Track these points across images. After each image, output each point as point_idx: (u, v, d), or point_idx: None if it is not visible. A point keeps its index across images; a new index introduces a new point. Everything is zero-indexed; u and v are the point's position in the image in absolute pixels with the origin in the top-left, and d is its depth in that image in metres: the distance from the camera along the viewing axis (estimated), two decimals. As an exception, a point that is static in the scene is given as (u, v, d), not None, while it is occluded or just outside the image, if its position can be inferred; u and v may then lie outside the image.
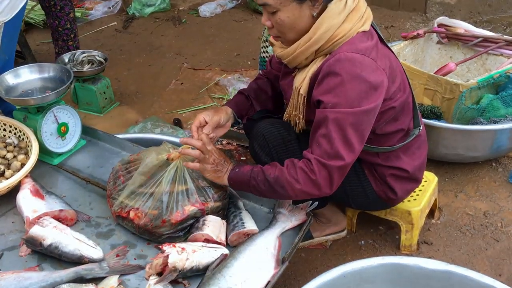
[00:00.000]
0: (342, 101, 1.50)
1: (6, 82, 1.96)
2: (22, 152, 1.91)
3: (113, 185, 1.71)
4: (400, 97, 1.69)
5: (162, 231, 1.60)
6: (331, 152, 1.52)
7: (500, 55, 2.69)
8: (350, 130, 1.51)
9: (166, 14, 4.54)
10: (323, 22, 1.53)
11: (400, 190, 1.83)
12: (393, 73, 1.64)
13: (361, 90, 1.50)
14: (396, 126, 1.74)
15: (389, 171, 1.80)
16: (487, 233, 2.20)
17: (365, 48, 1.53)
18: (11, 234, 1.68)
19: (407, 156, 1.81)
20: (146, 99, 3.31)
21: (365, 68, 1.50)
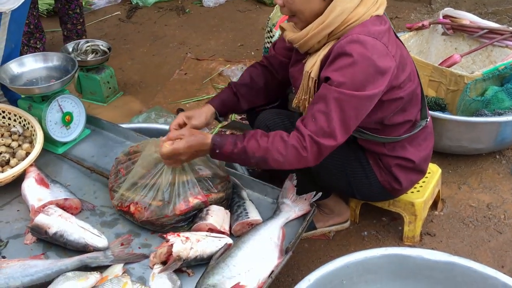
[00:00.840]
0: (349, 82, 1.50)
1: (10, 71, 1.96)
2: (27, 141, 1.91)
3: (114, 178, 1.72)
4: (409, 87, 1.69)
5: (165, 221, 1.61)
6: (327, 131, 1.52)
7: (505, 47, 2.68)
8: (350, 112, 1.52)
9: (169, 4, 4.52)
10: (337, 5, 1.53)
11: (405, 180, 1.83)
12: (403, 61, 1.65)
13: (369, 73, 1.50)
14: (404, 117, 1.74)
15: (395, 161, 1.80)
16: (490, 225, 2.21)
17: (378, 31, 1.54)
18: (16, 222, 1.69)
19: (413, 146, 1.82)
20: (150, 89, 3.31)
21: (376, 52, 1.51)
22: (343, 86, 1.50)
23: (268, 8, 4.34)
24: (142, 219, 1.61)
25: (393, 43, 1.59)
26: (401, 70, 1.63)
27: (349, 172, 1.83)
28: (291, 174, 1.80)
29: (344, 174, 1.84)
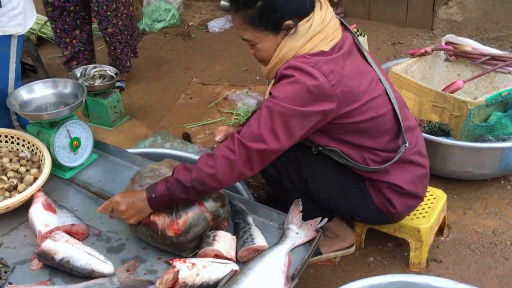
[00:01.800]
0: (281, 95, 1.59)
1: (20, 97, 2.00)
2: (34, 166, 1.93)
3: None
4: (370, 114, 1.72)
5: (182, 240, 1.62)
6: (255, 134, 1.59)
7: (508, 73, 2.70)
8: (278, 120, 1.58)
9: (176, 29, 4.59)
10: (287, 42, 1.66)
11: (399, 204, 1.84)
12: (356, 89, 1.68)
13: (300, 95, 1.59)
14: (372, 143, 1.77)
15: (384, 185, 1.82)
16: (496, 251, 2.19)
17: (315, 61, 1.62)
18: (23, 248, 1.70)
19: (399, 172, 1.82)
20: (156, 113, 3.34)
21: (310, 78, 1.59)
22: (276, 98, 1.60)
23: (272, 33, 4.40)
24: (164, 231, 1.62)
25: (335, 73, 1.62)
26: (351, 99, 1.67)
27: (348, 193, 1.86)
28: (297, 200, 1.81)
29: (343, 195, 1.87)
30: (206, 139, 3.04)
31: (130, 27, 3.42)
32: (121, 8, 3.27)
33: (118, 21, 3.30)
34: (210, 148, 2.90)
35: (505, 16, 4.52)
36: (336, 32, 1.70)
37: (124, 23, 3.34)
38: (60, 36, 3.45)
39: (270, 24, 1.64)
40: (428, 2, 4.18)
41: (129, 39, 3.45)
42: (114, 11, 3.24)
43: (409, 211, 1.93)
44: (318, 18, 1.66)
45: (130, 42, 3.47)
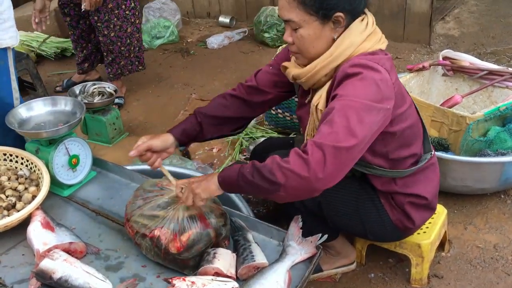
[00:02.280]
0: (351, 92, 1.50)
1: (19, 115, 2.00)
2: (33, 184, 1.92)
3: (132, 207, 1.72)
4: (411, 120, 1.74)
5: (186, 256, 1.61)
6: (329, 134, 1.44)
7: (505, 87, 2.72)
8: (353, 115, 1.45)
9: (174, 46, 4.62)
10: (345, 39, 1.59)
11: (418, 219, 1.84)
12: (403, 92, 1.71)
13: (372, 90, 1.51)
14: (409, 151, 1.77)
15: (407, 199, 1.80)
16: (498, 267, 2.18)
17: (379, 58, 1.60)
18: (21, 267, 1.68)
19: (423, 181, 1.83)
20: (155, 129, 3.35)
21: (377, 75, 1.54)
22: (346, 96, 1.50)
23: (270, 49, 4.44)
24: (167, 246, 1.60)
25: (394, 72, 1.64)
26: (402, 100, 1.67)
27: (362, 212, 1.84)
28: (297, 216, 1.80)
29: (357, 214, 1.84)
30: (205, 155, 3.04)
31: (125, 38, 3.43)
32: (113, 19, 3.31)
33: (109, 32, 3.34)
34: (209, 165, 2.89)
35: (502, 30, 4.57)
36: (383, 37, 1.68)
37: (116, 35, 3.37)
38: (77, 41, 3.61)
39: (322, 9, 1.55)
40: (425, 17, 4.22)
41: (123, 50, 3.45)
42: (106, 22, 3.30)
43: (423, 224, 1.93)
44: (371, 19, 1.65)
45: (124, 53, 3.47)
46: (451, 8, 5.04)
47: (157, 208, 1.68)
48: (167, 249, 1.60)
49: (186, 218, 1.64)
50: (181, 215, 1.65)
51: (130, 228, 1.69)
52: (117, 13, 3.32)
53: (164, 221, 1.64)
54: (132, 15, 3.40)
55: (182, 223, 1.63)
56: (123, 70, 3.55)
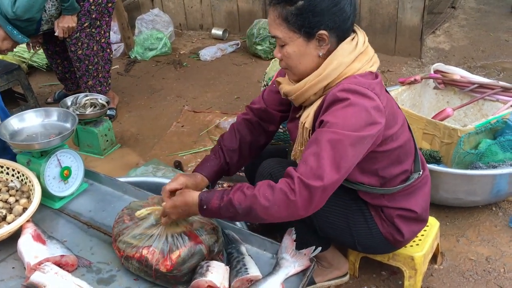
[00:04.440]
0: (341, 123, 1.52)
1: (11, 127, 1.98)
2: (24, 196, 1.90)
3: (119, 228, 1.70)
4: (402, 138, 1.74)
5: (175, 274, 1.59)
6: (317, 172, 1.48)
7: (496, 101, 2.74)
8: (341, 152, 1.50)
9: (167, 57, 4.63)
10: (334, 59, 1.60)
11: (407, 232, 1.83)
12: (395, 112, 1.71)
13: (361, 117, 1.53)
14: (401, 168, 1.78)
15: (397, 212, 1.81)
16: (490, 279, 2.18)
17: (369, 83, 1.59)
18: (11, 280, 1.65)
19: (413, 196, 1.83)
20: (147, 141, 3.34)
21: (367, 100, 1.55)
22: (336, 126, 1.52)
23: (263, 61, 4.46)
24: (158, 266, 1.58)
25: (384, 95, 1.64)
26: (393, 121, 1.68)
27: (351, 223, 1.84)
28: (290, 229, 1.79)
29: (347, 225, 1.84)
30: (197, 167, 3.03)
31: (93, 57, 3.38)
32: (82, 37, 3.27)
33: (77, 49, 3.30)
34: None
35: (491, 44, 4.64)
36: (375, 56, 1.68)
37: (84, 53, 3.33)
38: (52, 57, 3.59)
39: (305, 27, 1.57)
40: (416, 31, 4.27)
41: (90, 69, 3.39)
42: (74, 40, 3.26)
43: (414, 237, 1.93)
44: (362, 39, 1.64)
45: (91, 72, 3.41)
46: (442, 22, 5.11)
47: (144, 227, 1.66)
48: (157, 269, 1.58)
49: (175, 235, 1.62)
50: (170, 232, 1.63)
51: (117, 249, 1.67)
52: (88, 32, 3.29)
53: (151, 240, 1.62)
54: (97, 33, 3.35)
55: (171, 241, 1.61)
56: (92, 91, 3.42)
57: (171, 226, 1.65)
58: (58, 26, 3.13)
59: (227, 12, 5.04)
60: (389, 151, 1.70)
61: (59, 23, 3.12)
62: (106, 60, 3.48)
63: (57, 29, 3.14)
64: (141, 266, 1.61)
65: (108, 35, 3.45)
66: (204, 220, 1.71)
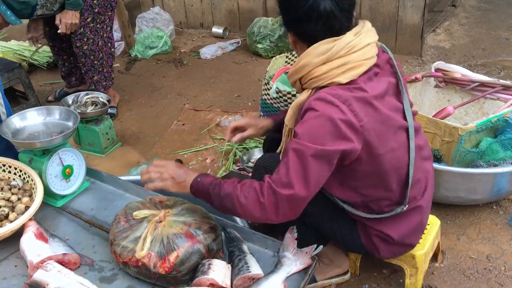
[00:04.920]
0: (306, 134, 1.54)
1: (13, 125, 1.98)
2: (26, 195, 1.90)
3: (116, 230, 1.70)
4: (392, 163, 1.67)
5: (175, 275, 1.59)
6: (284, 181, 1.55)
7: (497, 99, 2.75)
8: (308, 164, 1.53)
9: (168, 56, 4.63)
10: (304, 56, 1.63)
11: (385, 251, 1.84)
12: (385, 134, 1.62)
13: (328, 130, 1.53)
14: (385, 194, 1.73)
15: (375, 232, 1.81)
16: (491, 277, 2.19)
17: (346, 97, 1.55)
18: (13, 279, 1.66)
19: (394, 223, 1.79)
20: (148, 139, 3.34)
21: (339, 113, 1.53)
22: (301, 138, 1.55)
23: (263, 60, 4.46)
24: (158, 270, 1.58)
25: (364, 112, 1.56)
26: (379, 142, 1.61)
27: (336, 228, 1.87)
28: (292, 227, 1.80)
29: (333, 229, 1.88)
30: (198, 165, 3.03)
31: (98, 52, 3.40)
32: (87, 32, 3.29)
33: (82, 45, 3.31)
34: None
35: (491, 43, 4.64)
36: (365, 62, 1.59)
37: (90, 48, 3.34)
38: (58, 54, 3.60)
39: (283, 24, 1.68)
40: (416, 29, 4.27)
41: (95, 64, 3.42)
42: (79, 35, 3.27)
43: (399, 255, 1.92)
44: (344, 43, 1.57)
45: (97, 67, 3.44)
46: (442, 20, 5.11)
47: (140, 230, 1.66)
48: (156, 272, 1.59)
49: (171, 237, 1.62)
50: (165, 234, 1.63)
51: (114, 253, 1.67)
52: (92, 27, 3.30)
53: (149, 243, 1.61)
54: (101, 28, 3.36)
55: (167, 243, 1.61)
56: (97, 86, 3.48)
57: (167, 228, 1.65)
58: (61, 22, 3.12)
59: (228, 11, 5.04)
60: (370, 172, 1.66)
61: (62, 19, 3.11)
62: (109, 54, 3.50)
63: (60, 24, 3.14)
64: (140, 270, 1.61)
65: (110, 29, 3.46)
66: (200, 221, 1.71)
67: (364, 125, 1.56)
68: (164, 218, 1.67)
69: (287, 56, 3.49)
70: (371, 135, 1.58)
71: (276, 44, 4.45)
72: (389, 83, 1.68)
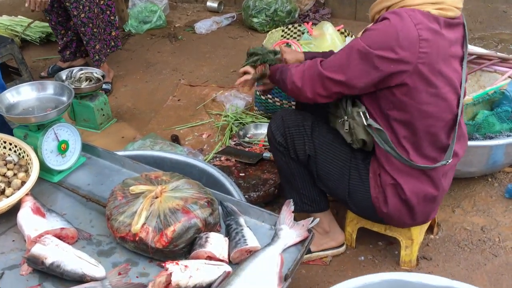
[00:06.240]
0: (366, 34, 1.71)
1: (7, 100, 1.96)
2: (22, 170, 1.90)
3: (113, 206, 1.70)
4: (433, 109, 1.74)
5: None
6: (328, 63, 1.78)
7: (494, 71, 2.74)
8: (350, 57, 1.71)
9: (162, 31, 4.57)
10: None
11: (392, 205, 1.85)
12: (440, 70, 1.71)
13: (388, 43, 1.65)
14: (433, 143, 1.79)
15: (392, 181, 1.83)
16: (485, 248, 2.22)
17: (421, 21, 1.66)
18: (11, 253, 1.67)
19: (414, 178, 1.82)
20: (143, 115, 3.32)
21: (405, 34, 1.63)
22: (363, 38, 1.70)
23: (259, 34, 4.41)
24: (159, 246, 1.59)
25: (434, 48, 1.66)
26: (429, 77, 1.69)
27: (347, 177, 1.91)
28: (288, 200, 1.80)
29: (343, 178, 1.91)
30: (195, 141, 3.03)
31: (96, 20, 3.39)
32: (82, 0, 3.26)
33: (79, 13, 3.29)
34: (199, 150, 2.89)
35: (489, 16, 4.60)
36: (454, 9, 1.72)
37: (87, 16, 3.32)
38: (55, 28, 3.58)
39: None
40: (414, 2, 4.22)
41: (95, 32, 3.41)
42: (74, 3, 3.25)
43: (399, 220, 1.92)
44: None
45: (97, 35, 3.43)
46: (439, -7, 5.04)
47: (136, 206, 1.66)
48: (153, 246, 1.59)
49: (167, 212, 1.62)
50: (162, 210, 1.63)
51: (111, 227, 1.67)
52: None
53: (144, 217, 1.61)
54: None
55: (164, 218, 1.62)
56: (100, 55, 3.49)
57: (163, 203, 1.65)
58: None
59: (222, -16, 4.96)
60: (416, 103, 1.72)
61: None
62: (107, 22, 3.48)
63: None
64: (137, 245, 1.62)
65: None
66: (197, 195, 1.71)
67: (424, 52, 1.65)
68: (160, 194, 1.67)
69: (283, 30, 3.45)
70: (426, 63, 1.67)
71: (272, 18, 4.40)
72: (458, 37, 1.78)
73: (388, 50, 1.65)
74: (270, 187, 2.43)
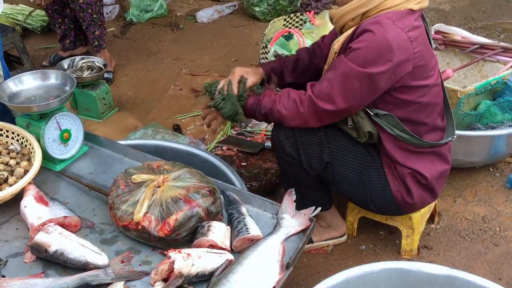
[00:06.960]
0: (355, 54, 1.62)
1: (9, 89, 1.96)
2: (25, 159, 1.91)
3: (115, 195, 1.71)
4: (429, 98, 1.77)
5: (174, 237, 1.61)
6: (326, 94, 1.70)
7: (496, 61, 2.73)
8: (352, 85, 1.65)
9: (163, 19, 4.55)
10: None
11: (417, 195, 1.86)
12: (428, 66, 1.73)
13: (380, 53, 1.61)
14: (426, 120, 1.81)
15: (408, 171, 1.83)
16: (486, 238, 2.23)
17: (406, 24, 1.63)
18: (15, 241, 1.68)
19: (426, 161, 1.85)
20: (145, 104, 3.32)
21: (396, 39, 1.61)
22: (351, 56, 1.63)
23: (261, 23, 4.39)
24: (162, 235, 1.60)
25: (421, 42, 1.67)
26: (424, 71, 1.71)
27: (366, 179, 1.88)
28: (290, 189, 1.81)
29: (362, 181, 1.89)
30: (196, 130, 3.03)
31: (94, 5, 3.39)
32: None
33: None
34: (201, 139, 2.89)
35: (492, 5, 4.57)
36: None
37: (85, 1, 3.33)
38: (52, 16, 3.57)
39: None
40: (416, -9, 4.19)
41: (95, 18, 3.42)
42: None
43: (422, 205, 1.96)
44: None
45: (96, 21, 3.44)
46: (442, -18, 5.01)
47: (139, 195, 1.66)
48: (156, 234, 1.60)
49: (170, 201, 1.63)
50: (164, 199, 1.63)
51: (113, 216, 1.68)
52: None
53: (146, 206, 1.62)
54: None
55: (166, 207, 1.62)
56: (100, 41, 3.51)
57: (166, 193, 1.65)
58: None
59: (224, -27, 4.92)
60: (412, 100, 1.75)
61: None
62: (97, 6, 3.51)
63: None
64: (140, 234, 1.63)
65: None
66: (199, 184, 1.71)
67: (418, 51, 1.65)
68: (162, 183, 1.68)
69: (285, 19, 3.43)
70: (421, 63, 1.67)
71: (273, 7, 4.38)
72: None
73: (385, 62, 1.62)
74: (272, 177, 2.43)
